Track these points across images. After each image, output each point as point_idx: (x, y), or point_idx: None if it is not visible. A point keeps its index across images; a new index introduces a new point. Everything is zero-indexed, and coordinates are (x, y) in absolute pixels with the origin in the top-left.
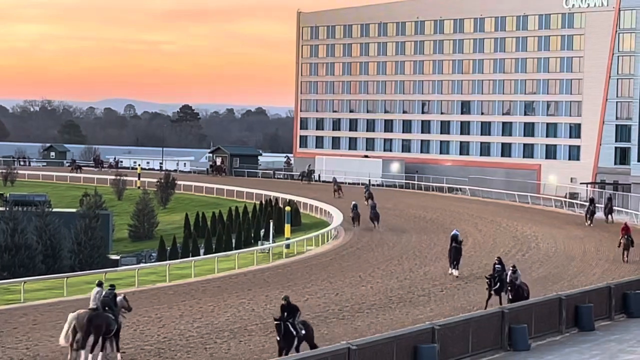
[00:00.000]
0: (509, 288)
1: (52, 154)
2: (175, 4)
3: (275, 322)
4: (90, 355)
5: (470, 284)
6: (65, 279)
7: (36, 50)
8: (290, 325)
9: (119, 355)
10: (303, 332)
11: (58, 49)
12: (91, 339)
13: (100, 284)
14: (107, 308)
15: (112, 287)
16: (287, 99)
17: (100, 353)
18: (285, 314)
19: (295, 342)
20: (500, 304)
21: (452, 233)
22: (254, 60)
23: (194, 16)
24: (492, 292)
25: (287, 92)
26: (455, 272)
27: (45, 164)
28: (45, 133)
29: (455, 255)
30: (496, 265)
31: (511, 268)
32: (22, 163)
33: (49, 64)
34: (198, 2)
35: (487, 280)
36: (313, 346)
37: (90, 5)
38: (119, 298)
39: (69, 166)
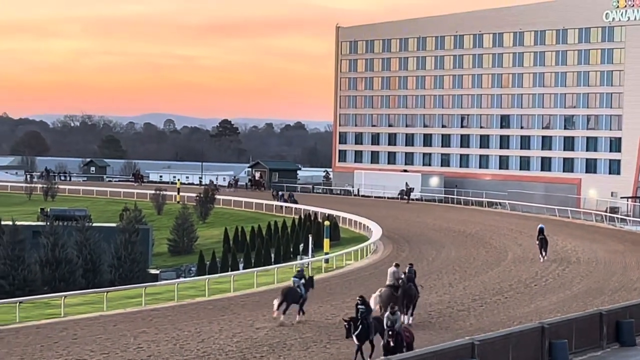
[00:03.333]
0: (389, 333)
1: (92, 168)
2: (211, 19)
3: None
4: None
5: (511, 299)
6: (105, 293)
7: (74, 66)
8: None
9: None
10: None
11: (96, 64)
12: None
13: (397, 265)
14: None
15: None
16: (326, 114)
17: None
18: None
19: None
20: (372, 352)
21: (539, 226)
22: (292, 74)
23: (230, 31)
24: (355, 339)
25: (326, 107)
26: (543, 258)
27: (85, 178)
28: (86, 148)
29: (544, 244)
30: (359, 306)
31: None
32: (62, 178)
33: (87, 79)
34: (234, 16)
35: (345, 324)
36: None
37: (128, 20)
38: None
39: (132, 181)
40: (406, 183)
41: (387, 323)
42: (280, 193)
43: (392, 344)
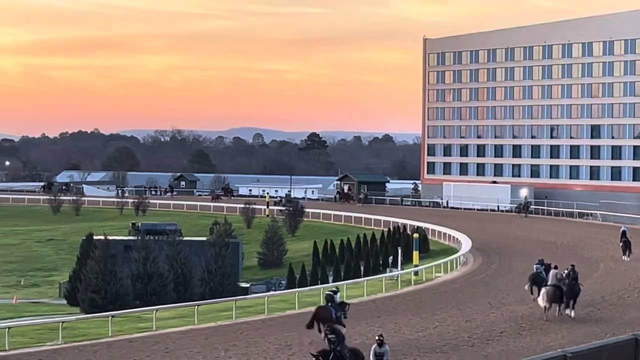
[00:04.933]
0: None
1: (183, 183)
2: (298, 33)
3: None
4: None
5: (603, 310)
6: (196, 307)
7: (162, 81)
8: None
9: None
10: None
11: (185, 79)
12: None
13: (556, 267)
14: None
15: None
16: (414, 126)
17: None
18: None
19: None
20: None
21: (622, 229)
22: (380, 87)
23: (316, 44)
24: None
25: (414, 119)
26: (627, 258)
27: (176, 193)
28: (176, 162)
29: (628, 246)
30: (329, 336)
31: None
32: (153, 192)
33: (176, 94)
34: (320, 30)
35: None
36: None
37: (215, 35)
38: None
39: (222, 195)
40: (525, 197)
41: (372, 356)
42: (282, 200)
43: None
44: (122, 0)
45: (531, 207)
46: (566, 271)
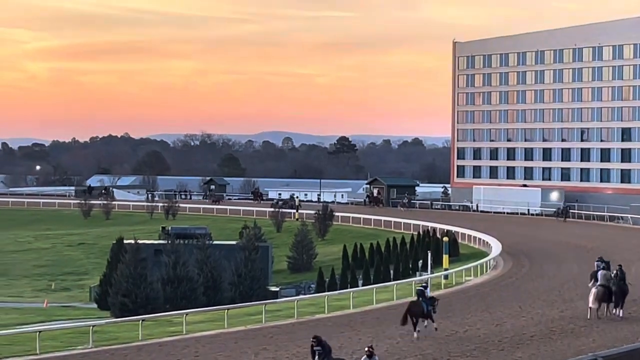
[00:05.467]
0: None
1: (212, 187)
2: (327, 37)
3: None
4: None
5: (635, 314)
6: (226, 310)
7: (192, 85)
8: None
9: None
10: None
11: (212, 83)
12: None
13: (608, 266)
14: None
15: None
16: (444, 129)
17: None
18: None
19: None
20: None
21: None
22: (409, 90)
23: (345, 48)
24: None
25: (444, 122)
26: None
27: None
28: (206, 167)
29: None
30: (315, 348)
31: None
32: (183, 197)
33: (206, 99)
34: (349, 34)
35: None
36: None
37: (243, 39)
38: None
39: (252, 199)
40: (564, 201)
41: None
42: (279, 202)
43: None
44: (152, 5)
45: (571, 211)
46: (614, 271)
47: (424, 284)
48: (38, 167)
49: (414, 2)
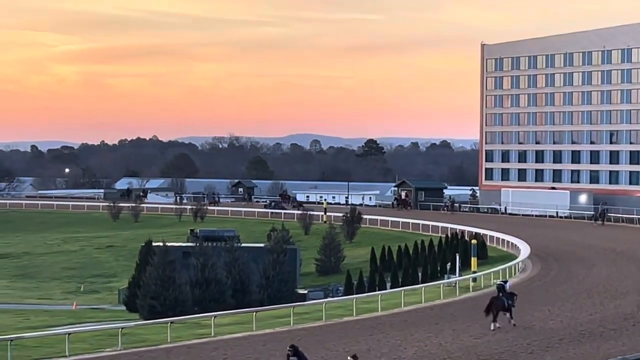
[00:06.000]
0: None
1: (240, 190)
2: (353, 40)
3: None
4: None
5: None
6: (254, 313)
7: (219, 88)
8: None
9: None
10: None
11: (240, 86)
12: None
13: None
14: None
15: None
16: (472, 132)
17: None
18: None
19: None
20: None
21: None
22: (436, 93)
23: (372, 51)
24: None
25: (472, 125)
26: None
27: (233, 199)
28: (234, 169)
29: None
30: (291, 358)
31: None
32: (217, 199)
33: (233, 101)
34: (373, 36)
35: None
36: None
37: (270, 42)
38: None
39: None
40: (601, 203)
41: None
42: (272, 203)
43: None
44: (180, 8)
45: (608, 214)
46: None
47: (503, 280)
48: (67, 170)
49: (441, 4)
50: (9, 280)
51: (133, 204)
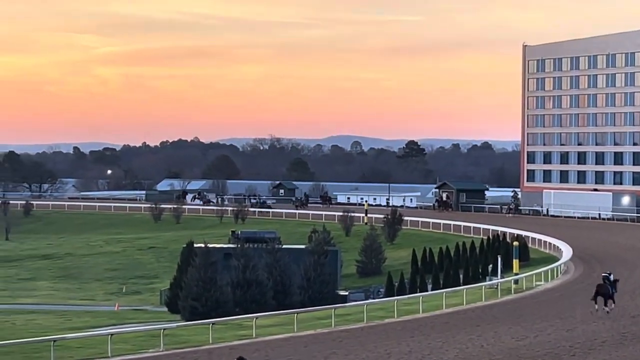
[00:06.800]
0: None
1: (281, 191)
2: (394, 41)
3: None
4: None
5: None
6: (296, 314)
7: (260, 90)
8: None
9: None
10: None
11: (281, 87)
12: None
13: None
14: None
15: None
16: (514, 133)
17: None
18: None
19: None
20: None
21: None
22: (478, 94)
23: (413, 52)
24: None
25: (513, 126)
26: None
27: (274, 201)
28: (275, 171)
29: None
30: None
31: None
32: (252, 200)
33: (274, 103)
34: (415, 38)
35: None
36: None
37: (310, 44)
38: None
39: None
40: None
41: None
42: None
43: None
44: (220, 10)
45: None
46: None
47: (608, 272)
48: (109, 172)
49: (482, 5)
50: (52, 282)
51: (190, 206)
